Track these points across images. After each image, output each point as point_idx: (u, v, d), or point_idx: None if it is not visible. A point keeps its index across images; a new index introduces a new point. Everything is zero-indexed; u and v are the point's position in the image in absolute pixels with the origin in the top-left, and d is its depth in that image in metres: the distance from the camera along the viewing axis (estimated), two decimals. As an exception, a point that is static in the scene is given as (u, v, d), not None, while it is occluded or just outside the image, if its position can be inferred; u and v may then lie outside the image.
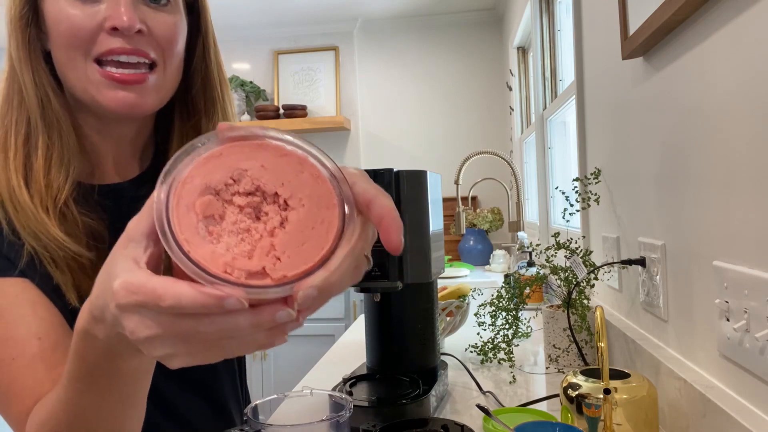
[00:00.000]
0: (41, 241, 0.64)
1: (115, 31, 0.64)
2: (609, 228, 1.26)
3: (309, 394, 0.74)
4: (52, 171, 0.66)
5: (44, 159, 0.66)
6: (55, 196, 0.66)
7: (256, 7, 3.53)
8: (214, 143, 0.38)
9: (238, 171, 0.37)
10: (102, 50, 0.65)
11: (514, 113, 3.30)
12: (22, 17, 0.66)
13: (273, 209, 0.37)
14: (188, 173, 0.37)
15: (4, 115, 0.68)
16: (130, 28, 0.64)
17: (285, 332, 0.38)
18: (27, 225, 0.64)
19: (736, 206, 0.67)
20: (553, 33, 2.29)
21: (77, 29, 0.64)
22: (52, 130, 0.67)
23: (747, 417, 0.62)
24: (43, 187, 0.65)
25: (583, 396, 0.76)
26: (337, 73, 3.82)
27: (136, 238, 0.38)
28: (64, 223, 0.66)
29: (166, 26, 0.68)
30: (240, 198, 0.37)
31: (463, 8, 3.71)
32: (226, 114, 0.79)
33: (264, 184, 0.37)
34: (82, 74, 0.66)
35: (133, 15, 0.64)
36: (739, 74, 0.66)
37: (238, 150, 0.38)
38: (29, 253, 0.65)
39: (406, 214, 0.99)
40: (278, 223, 0.37)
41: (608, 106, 1.23)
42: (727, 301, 0.68)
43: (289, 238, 0.37)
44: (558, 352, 1.21)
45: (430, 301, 1.11)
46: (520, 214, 2.59)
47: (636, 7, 0.92)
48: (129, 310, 0.36)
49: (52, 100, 0.68)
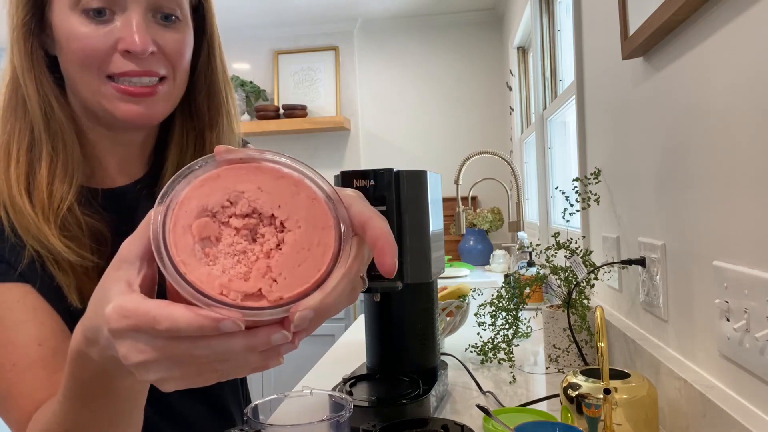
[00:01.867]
0: (44, 246, 0.64)
1: (128, 53, 0.64)
2: (609, 228, 1.26)
3: (309, 394, 0.75)
4: (56, 182, 0.66)
5: (48, 170, 0.66)
6: (57, 207, 0.65)
7: (256, 7, 3.53)
8: (212, 165, 0.38)
9: (235, 193, 0.38)
10: (116, 72, 0.65)
11: (514, 113, 3.30)
12: (24, 25, 0.65)
13: (269, 231, 0.38)
14: (185, 195, 0.37)
15: (5, 122, 0.68)
16: (143, 52, 0.64)
17: (280, 354, 0.38)
18: (28, 230, 0.64)
19: (736, 206, 0.67)
20: (553, 33, 2.29)
21: (91, 50, 0.64)
22: (56, 141, 0.67)
23: (747, 417, 0.62)
24: (46, 197, 0.65)
25: (583, 396, 0.76)
26: (337, 73, 3.82)
27: (129, 259, 0.38)
28: (66, 231, 0.65)
29: (176, 44, 0.68)
30: (237, 220, 0.37)
31: (463, 8, 3.71)
32: (229, 116, 0.79)
33: (260, 206, 0.38)
34: (96, 89, 0.66)
35: (146, 38, 0.64)
36: (739, 74, 0.66)
37: (235, 172, 0.38)
38: (31, 255, 0.65)
39: (406, 214, 0.99)
40: (275, 245, 0.37)
41: (608, 106, 1.23)
42: (727, 301, 0.68)
43: (285, 260, 0.37)
44: (558, 352, 1.21)
45: (430, 301, 1.11)
46: (520, 214, 2.59)
47: (636, 7, 0.92)
48: (121, 335, 0.36)
49: (56, 109, 0.68)
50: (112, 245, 0.69)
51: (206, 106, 0.77)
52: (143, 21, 0.65)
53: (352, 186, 0.99)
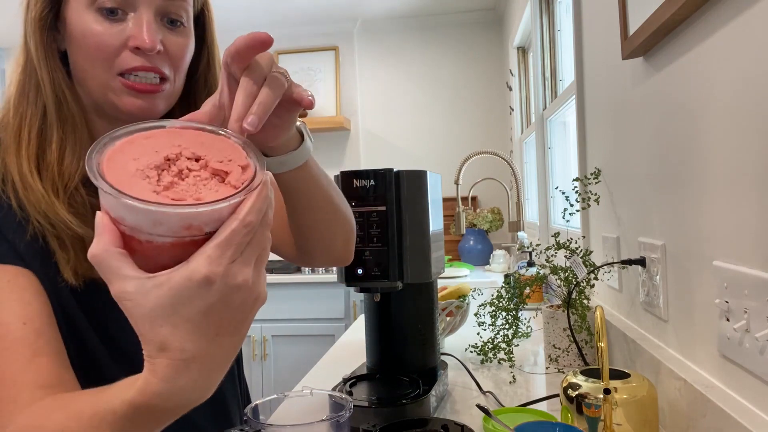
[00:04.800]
0: (50, 220, 0.67)
1: (137, 50, 0.69)
2: (609, 228, 1.26)
3: (309, 394, 0.75)
4: (65, 161, 0.70)
5: (58, 151, 0.70)
6: (66, 183, 0.69)
7: (256, 7, 3.54)
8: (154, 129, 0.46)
9: (175, 147, 0.45)
10: (125, 67, 0.70)
11: (514, 113, 3.30)
12: (42, 18, 0.70)
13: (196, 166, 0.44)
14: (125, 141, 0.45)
15: (18, 106, 0.72)
16: (152, 49, 0.69)
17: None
18: (37, 204, 0.67)
19: (736, 206, 0.67)
20: (553, 33, 2.29)
21: (103, 46, 0.69)
22: (66, 125, 0.72)
23: (747, 417, 0.62)
24: (56, 174, 0.69)
25: (583, 396, 0.76)
26: (337, 73, 3.82)
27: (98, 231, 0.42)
28: (73, 205, 0.69)
29: (180, 48, 0.73)
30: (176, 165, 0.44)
31: (463, 8, 3.71)
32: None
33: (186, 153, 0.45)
34: (104, 83, 0.70)
35: (155, 37, 0.69)
36: (739, 74, 0.66)
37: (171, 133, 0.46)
38: (34, 229, 0.67)
39: (406, 214, 0.99)
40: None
41: (608, 106, 1.23)
42: (727, 301, 0.68)
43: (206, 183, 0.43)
44: (558, 352, 1.21)
45: (430, 301, 1.11)
46: (520, 214, 2.59)
47: (636, 7, 0.92)
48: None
49: (68, 97, 0.72)
50: None
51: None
52: (153, 21, 0.70)
53: (353, 186, 0.99)
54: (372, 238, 0.98)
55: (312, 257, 0.84)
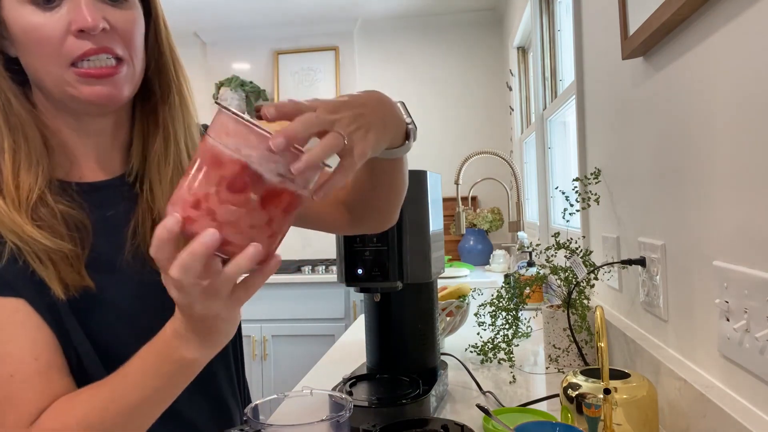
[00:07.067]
0: (19, 236, 0.65)
1: (81, 33, 0.66)
2: (609, 228, 1.26)
3: (309, 394, 0.75)
4: (21, 172, 0.68)
5: (12, 161, 0.68)
6: (27, 196, 0.67)
7: (256, 7, 3.53)
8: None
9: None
10: (75, 55, 0.67)
11: (514, 113, 3.30)
12: None
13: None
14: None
15: None
16: (95, 28, 0.66)
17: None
18: (2, 222, 0.65)
19: (736, 206, 0.67)
20: (553, 33, 2.29)
21: (46, 37, 0.66)
22: (16, 134, 0.69)
23: (747, 417, 0.62)
24: (13, 188, 0.67)
25: (583, 396, 0.76)
26: (337, 73, 3.82)
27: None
28: (38, 220, 0.67)
29: (126, 22, 0.70)
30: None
31: (463, 8, 3.71)
32: (182, 95, 0.81)
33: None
34: (59, 78, 0.68)
35: (96, 14, 0.66)
36: (739, 74, 0.66)
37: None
38: (11, 249, 0.65)
39: (406, 214, 0.99)
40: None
41: (608, 106, 1.23)
42: (727, 301, 0.68)
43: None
44: (558, 352, 1.21)
45: (430, 301, 1.11)
46: (520, 214, 2.59)
47: (636, 7, 0.92)
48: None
49: (14, 104, 0.70)
50: (94, 234, 0.71)
51: (156, 82, 0.79)
52: (90, 1, 0.67)
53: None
54: (372, 238, 0.98)
55: (363, 224, 0.85)
